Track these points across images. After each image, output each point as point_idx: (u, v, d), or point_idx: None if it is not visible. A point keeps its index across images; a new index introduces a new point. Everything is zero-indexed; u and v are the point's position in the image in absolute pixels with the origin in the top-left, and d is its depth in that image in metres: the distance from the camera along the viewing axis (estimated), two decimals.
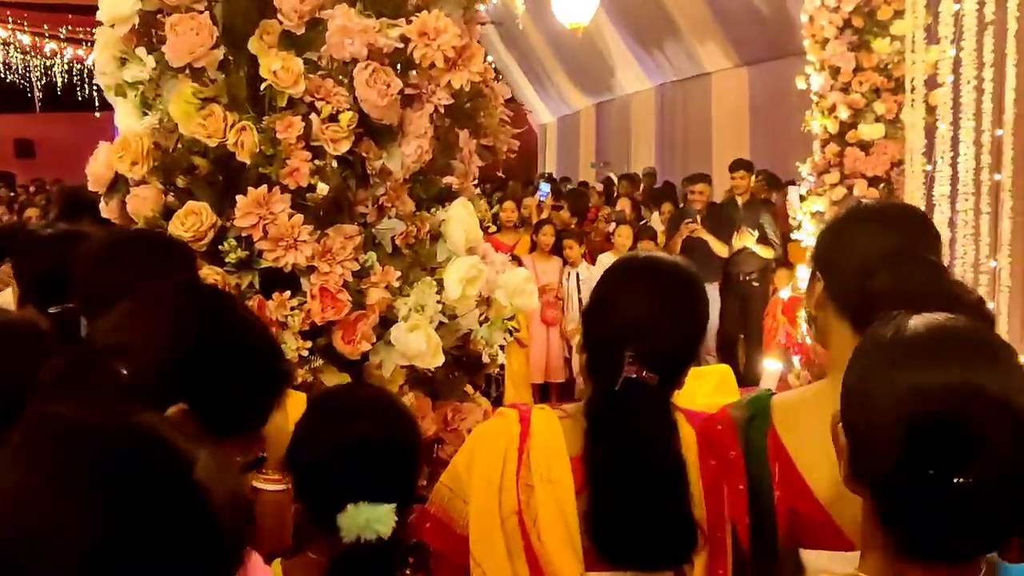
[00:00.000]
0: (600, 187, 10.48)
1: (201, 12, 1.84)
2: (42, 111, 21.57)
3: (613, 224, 7.75)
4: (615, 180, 11.71)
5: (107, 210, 2.09)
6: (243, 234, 1.90)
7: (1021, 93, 6.09)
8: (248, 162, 1.90)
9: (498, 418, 1.57)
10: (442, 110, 2.06)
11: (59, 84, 20.00)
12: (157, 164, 1.95)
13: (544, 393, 7.46)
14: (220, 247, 1.89)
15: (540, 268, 6.94)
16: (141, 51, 1.97)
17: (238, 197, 1.88)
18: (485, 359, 2.13)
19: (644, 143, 13.41)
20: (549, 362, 7.17)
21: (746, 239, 7.52)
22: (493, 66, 2.23)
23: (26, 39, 18.98)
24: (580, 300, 7.32)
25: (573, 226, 8.22)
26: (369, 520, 1.43)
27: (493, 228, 2.31)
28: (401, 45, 1.96)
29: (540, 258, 7.13)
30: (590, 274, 7.31)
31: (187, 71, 1.89)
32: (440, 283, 2.04)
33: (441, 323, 2.08)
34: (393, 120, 1.99)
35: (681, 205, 8.53)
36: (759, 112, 10.68)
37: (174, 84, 1.96)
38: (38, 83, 20.35)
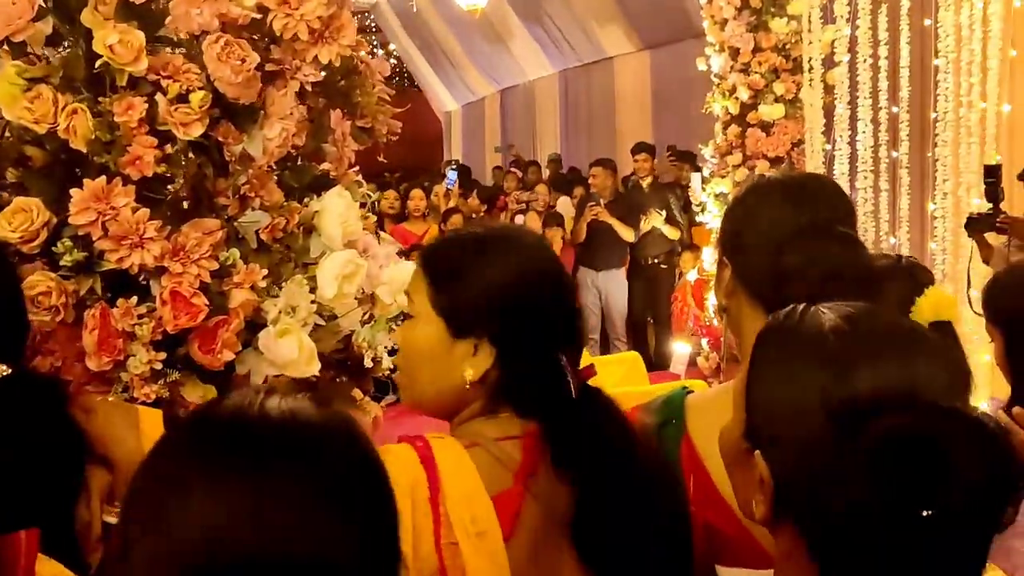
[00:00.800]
0: (518, 172, 10.31)
1: None
2: None
3: (520, 215, 7.63)
4: (523, 160, 11.60)
5: None
6: (80, 232, 1.66)
7: (915, 70, 6.16)
8: (84, 150, 1.67)
9: (391, 460, 1.34)
10: (309, 88, 1.85)
11: None
12: None
13: None
14: (54, 248, 1.66)
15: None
16: None
17: (73, 190, 1.65)
18: (367, 363, 1.93)
19: (549, 129, 13.34)
20: None
21: (654, 219, 7.48)
22: (395, 52, 2.04)
23: None
24: None
25: (482, 214, 8.05)
26: None
27: (373, 218, 2.11)
28: (259, 16, 1.75)
29: None
30: None
31: (6, 47, 1.64)
32: (314, 281, 1.84)
33: (318, 325, 1.88)
34: (252, 99, 1.78)
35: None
36: (661, 95, 10.70)
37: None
38: None
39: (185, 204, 1.83)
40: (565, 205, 8.54)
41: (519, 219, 7.80)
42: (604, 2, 10.52)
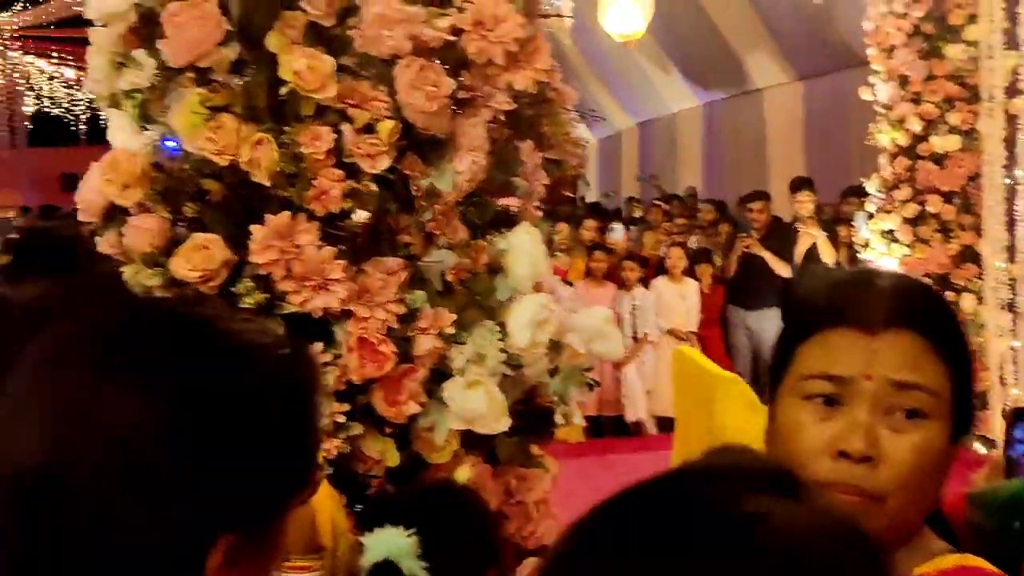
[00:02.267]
0: (664, 206, 10.00)
1: (205, 0, 1.50)
2: (86, 144, 21.72)
3: (663, 247, 7.34)
4: (665, 192, 11.30)
5: (104, 244, 1.75)
6: (262, 272, 1.55)
7: None
8: (267, 183, 1.55)
9: None
10: (501, 117, 1.70)
11: (102, 117, 20.09)
12: (160, 189, 1.61)
13: (597, 427, 7.06)
14: (233, 289, 1.54)
15: (593, 295, 6.55)
16: (140, 53, 1.63)
17: (253, 227, 1.53)
18: (558, 419, 1.75)
19: (690, 163, 13.01)
20: (602, 394, 6.76)
21: (812, 231, 6.89)
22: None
23: (70, 73, 19.13)
24: (634, 327, 6.91)
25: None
26: None
27: (560, 257, 1.94)
28: (452, 38, 1.61)
29: (593, 284, 6.74)
30: (645, 299, 6.91)
31: (191, 73, 1.54)
32: (503, 327, 1.67)
33: (505, 375, 1.71)
34: (443, 130, 1.63)
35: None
36: (815, 127, 10.24)
37: (179, 93, 1.62)
38: (82, 116, 20.47)
39: (356, 243, 1.70)
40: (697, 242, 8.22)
41: (663, 250, 7.51)
42: (755, 33, 10.19)
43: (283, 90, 1.54)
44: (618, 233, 7.43)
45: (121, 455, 0.62)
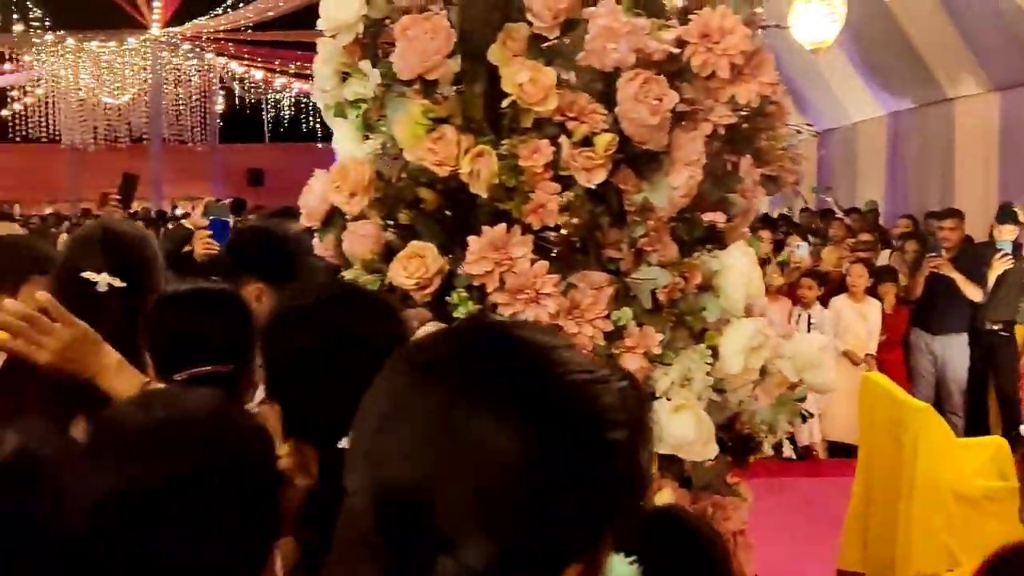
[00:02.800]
0: (847, 220, 9.57)
1: (437, 13, 1.51)
2: (270, 141, 22.90)
3: (846, 264, 7.00)
4: (837, 210, 10.81)
5: (321, 247, 1.80)
6: (475, 283, 1.55)
7: None
8: (484, 195, 1.56)
9: None
10: (722, 131, 1.64)
11: (286, 117, 21.15)
12: (379, 196, 1.64)
13: None
14: (447, 298, 1.56)
15: (767, 311, 6.34)
16: (365, 64, 1.68)
17: (470, 238, 1.54)
18: (766, 450, 1.67)
19: (872, 175, 12.42)
20: None
21: (1009, 263, 6.39)
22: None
23: (259, 74, 20.25)
24: None
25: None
26: None
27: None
28: (676, 50, 1.56)
29: (768, 299, 6.52)
30: (822, 317, 6.63)
31: (417, 85, 1.56)
32: (713, 350, 1.62)
33: (710, 400, 1.65)
34: (660, 144, 1.59)
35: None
36: (1011, 142, 9.57)
37: (400, 103, 1.65)
38: (267, 115, 21.62)
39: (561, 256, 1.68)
40: (886, 259, 7.79)
41: (845, 267, 7.17)
42: (947, 40, 9.61)
43: (505, 102, 1.54)
44: (803, 250, 7.16)
45: (491, 482, 0.62)
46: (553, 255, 1.68)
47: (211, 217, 3.77)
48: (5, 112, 19.70)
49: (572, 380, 0.68)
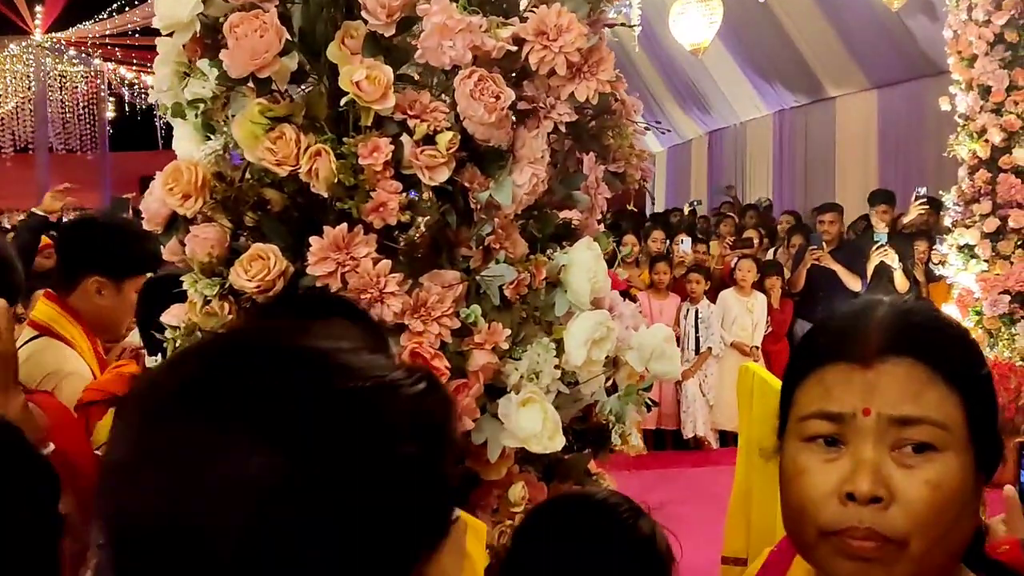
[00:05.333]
0: (735, 217, 9.82)
1: (266, 11, 1.49)
2: (164, 148, 22.30)
3: (735, 258, 7.20)
4: (739, 203, 11.12)
5: (167, 252, 1.76)
6: (319, 284, 1.54)
7: None
8: (325, 194, 1.54)
9: None
10: (563, 128, 1.66)
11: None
12: (219, 198, 1.61)
13: (658, 440, 6.96)
14: None
15: (656, 307, 6.46)
16: (203, 63, 1.64)
17: (312, 239, 1.52)
18: (615, 440, 1.70)
19: (760, 172, 12.80)
20: (662, 408, 6.67)
21: (883, 256, 6.63)
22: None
23: (149, 79, 19.69)
24: (697, 340, 6.80)
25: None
26: None
27: (622, 271, 1.89)
28: (514, 48, 1.58)
29: (656, 296, 6.65)
30: (709, 312, 6.80)
31: (252, 84, 1.54)
32: (559, 344, 1.64)
33: (560, 392, 1.68)
34: (503, 141, 1.61)
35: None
36: (889, 137, 10.00)
37: (244, 103, 1.63)
38: (160, 122, 21.04)
39: (413, 256, 1.69)
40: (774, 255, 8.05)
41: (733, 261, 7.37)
42: (827, 41, 9.98)
43: (343, 101, 1.53)
44: (686, 245, 7.33)
45: (245, 514, 0.56)
46: (416, 256, 1.68)
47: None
48: None
49: (347, 390, 0.61)
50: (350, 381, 0.61)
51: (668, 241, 7.41)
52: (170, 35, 1.66)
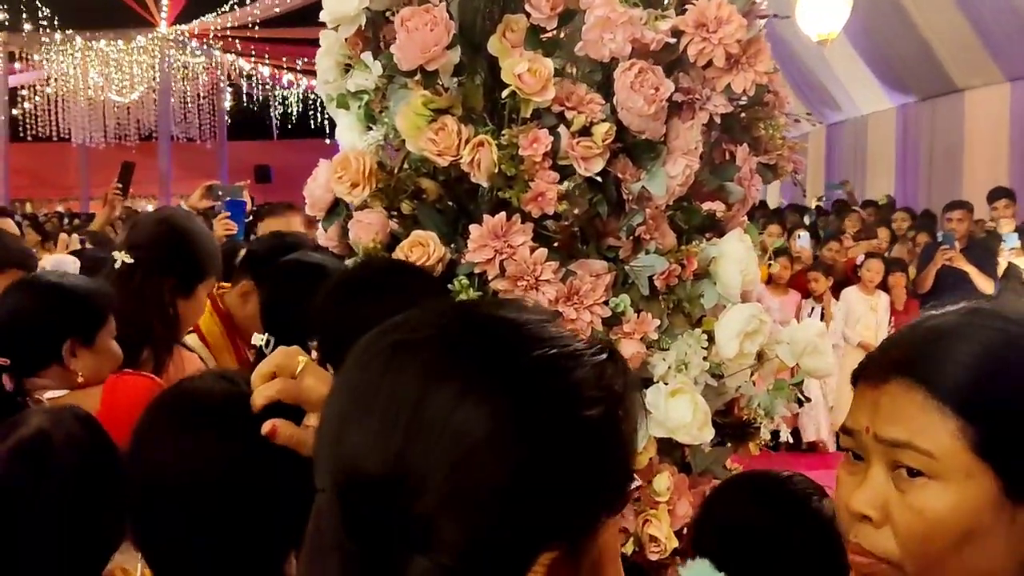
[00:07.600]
0: (862, 213, 9.53)
1: (437, 5, 1.54)
2: (278, 139, 22.96)
3: (861, 256, 6.99)
4: (855, 199, 10.78)
5: (325, 237, 1.84)
6: (477, 271, 1.58)
7: None
8: (485, 184, 1.58)
9: None
10: (717, 120, 1.66)
11: (294, 113, 21.20)
12: (381, 187, 1.67)
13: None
14: (449, 286, 1.58)
15: (774, 303, 6.35)
16: (367, 56, 1.70)
17: (472, 227, 1.57)
18: (764, 435, 1.69)
19: (882, 168, 12.39)
20: None
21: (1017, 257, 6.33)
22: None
23: (266, 71, 20.30)
24: None
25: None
26: None
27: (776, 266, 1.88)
28: (672, 40, 1.59)
29: (775, 292, 6.52)
30: (835, 309, 6.63)
31: (418, 76, 1.59)
32: (709, 336, 1.64)
33: (707, 384, 1.68)
34: (657, 133, 1.62)
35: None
36: (1022, 132, 9.53)
37: (403, 94, 1.68)
38: (275, 112, 21.68)
39: (560, 244, 1.71)
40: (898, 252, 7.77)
41: (859, 259, 7.15)
42: (959, 31, 9.58)
43: (504, 93, 1.56)
44: (805, 240, 7.16)
45: (459, 465, 0.61)
46: (555, 244, 1.71)
47: (227, 198, 3.76)
48: (15, 111, 19.81)
49: (541, 355, 0.65)
50: (543, 348, 0.66)
51: (786, 236, 7.26)
52: (335, 29, 1.72)
